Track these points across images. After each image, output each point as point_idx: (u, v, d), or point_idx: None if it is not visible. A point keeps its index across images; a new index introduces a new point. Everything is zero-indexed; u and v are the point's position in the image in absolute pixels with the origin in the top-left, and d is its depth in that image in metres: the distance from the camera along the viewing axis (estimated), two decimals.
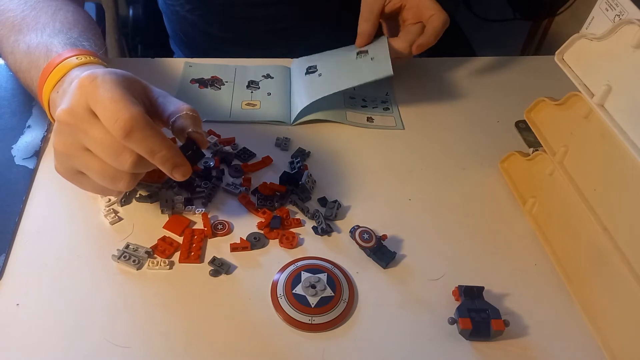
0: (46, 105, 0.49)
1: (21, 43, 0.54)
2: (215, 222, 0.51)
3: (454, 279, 0.48)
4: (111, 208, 0.51)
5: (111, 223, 0.50)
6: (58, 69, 0.47)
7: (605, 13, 0.43)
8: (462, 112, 0.68)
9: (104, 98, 0.39)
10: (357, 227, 0.50)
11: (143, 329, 0.43)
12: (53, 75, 0.47)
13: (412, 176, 0.59)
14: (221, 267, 0.47)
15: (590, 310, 0.46)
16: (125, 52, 1.13)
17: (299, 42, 0.87)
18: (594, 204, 0.46)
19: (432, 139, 0.64)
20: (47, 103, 0.48)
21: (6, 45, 0.56)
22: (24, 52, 0.53)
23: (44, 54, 0.50)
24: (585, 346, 0.45)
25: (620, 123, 0.42)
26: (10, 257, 0.47)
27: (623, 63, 0.41)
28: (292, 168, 0.58)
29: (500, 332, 0.43)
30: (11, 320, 0.43)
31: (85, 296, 0.45)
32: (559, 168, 0.50)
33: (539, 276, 0.50)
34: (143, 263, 0.47)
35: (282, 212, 0.52)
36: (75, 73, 0.46)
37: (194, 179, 0.54)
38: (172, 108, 0.45)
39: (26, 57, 0.53)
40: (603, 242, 0.44)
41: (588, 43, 0.45)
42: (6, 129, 0.58)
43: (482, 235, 0.53)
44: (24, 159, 0.55)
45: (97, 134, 0.40)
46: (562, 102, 0.49)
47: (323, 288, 0.46)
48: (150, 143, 0.40)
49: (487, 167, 0.60)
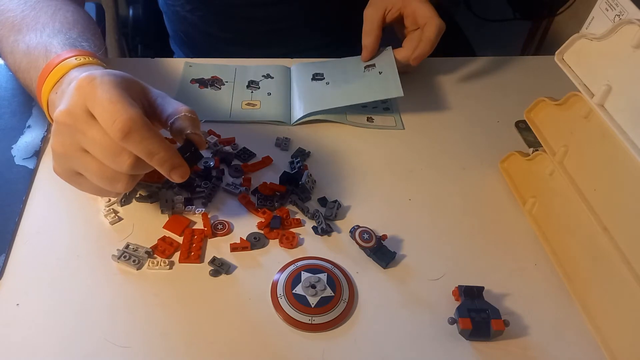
0: (45, 106, 0.49)
1: (20, 43, 0.54)
2: (215, 222, 0.51)
3: (454, 279, 0.48)
4: (111, 208, 0.51)
5: (111, 223, 0.50)
6: (57, 70, 0.47)
7: (605, 13, 0.43)
8: (462, 112, 0.68)
9: (102, 99, 0.39)
10: (357, 227, 0.50)
11: (143, 329, 0.43)
12: (52, 76, 0.47)
13: (412, 176, 0.59)
14: (221, 267, 0.47)
15: (590, 310, 0.46)
16: (125, 52, 1.13)
17: (299, 42, 0.87)
18: (594, 204, 0.46)
19: (432, 139, 0.64)
20: (45, 104, 0.48)
21: (6, 45, 0.56)
22: (24, 52, 0.53)
23: (43, 54, 0.50)
24: (585, 346, 0.45)
25: (620, 123, 0.42)
26: (10, 257, 0.47)
27: (623, 63, 0.41)
28: (292, 168, 0.58)
29: (500, 332, 0.43)
30: (11, 320, 0.43)
31: (85, 296, 0.45)
32: (559, 168, 0.50)
33: (539, 276, 0.50)
34: (143, 263, 0.47)
35: (282, 212, 0.52)
36: (74, 74, 0.46)
37: (193, 179, 0.54)
38: (171, 109, 0.45)
39: (25, 57, 0.53)
40: (603, 242, 0.44)
41: (588, 43, 0.45)
42: (6, 129, 0.58)
43: (482, 235, 0.53)
44: (24, 159, 0.55)
45: (95, 135, 0.40)
46: (562, 102, 0.49)
47: (323, 288, 0.46)
48: (149, 144, 0.40)
49: (487, 167, 0.60)
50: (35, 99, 0.54)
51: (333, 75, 0.69)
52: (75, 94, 0.40)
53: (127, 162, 0.40)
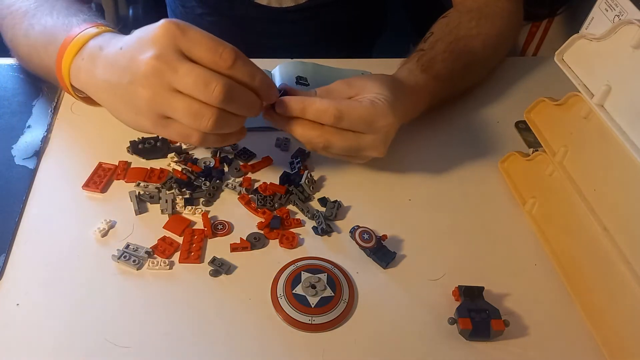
0: (66, 73, 0.49)
1: (36, 25, 0.54)
2: (215, 222, 0.51)
3: (454, 279, 0.48)
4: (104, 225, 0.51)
5: (102, 236, 0.49)
6: (79, 38, 0.49)
7: (605, 13, 0.43)
8: (462, 112, 0.68)
9: (199, 37, 0.43)
10: (357, 227, 0.50)
11: (143, 329, 0.43)
12: (74, 43, 0.48)
13: (412, 176, 0.59)
14: (221, 267, 0.47)
15: (590, 310, 0.46)
16: None
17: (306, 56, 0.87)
18: (594, 204, 0.46)
19: (432, 139, 0.63)
20: (67, 70, 0.49)
21: (19, 30, 0.56)
22: (40, 32, 0.54)
23: (63, 30, 0.51)
24: (585, 346, 0.45)
25: (620, 123, 0.42)
26: (10, 257, 0.47)
27: (623, 63, 0.41)
28: (292, 168, 0.58)
29: (500, 332, 0.43)
30: (11, 320, 0.43)
31: (85, 296, 0.45)
32: (559, 168, 0.50)
33: (539, 276, 0.50)
34: (143, 263, 0.47)
35: (282, 212, 0.52)
36: (97, 40, 0.48)
37: (194, 179, 0.54)
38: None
39: (42, 35, 0.54)
40: (603, 242, 0.44)
41: (588, 43, 0.45)
42: (6, 129, 0.58)
43: (482, 235, 0.53)
44: (24, 159, 0.55)
45: (187, 69, 0.42)
46: (562, 102, 0.49)
47: (323, 288, 0.46)
48: (251, 67, 0.44)
49: (487, 167, 0.60)
50: (47, 76, 0.56)
51: (318, 82, 0.66)
52: (163, 39, 0.42)
53: (217, 89, 0.42)
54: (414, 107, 0.57)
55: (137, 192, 0.52)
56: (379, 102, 0.49)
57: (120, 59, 0.45)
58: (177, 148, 0.57)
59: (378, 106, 0.49)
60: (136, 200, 0.52)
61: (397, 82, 0.55)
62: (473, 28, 0.64)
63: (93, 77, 0.47)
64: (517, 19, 0.70)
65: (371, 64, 0.72)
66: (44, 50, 0.53)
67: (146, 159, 0.56)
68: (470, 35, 0.64)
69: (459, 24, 0.64)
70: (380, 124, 0.50)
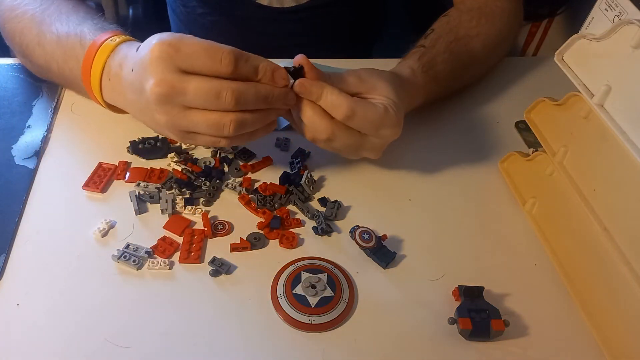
0: (97, 92, 0.51)
1: (47, 34, 0.55)
2: (215, 222, 0.51)
3: (454, 279, 0.48)
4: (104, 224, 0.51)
5: (102, 236, 0.49)
6: (99, 55, 0.49)
7: (605, 13, 0.43)
8: (462, 112, 0.68)
9: (193, 50, 0.42)
10: (357, 227, 0.50)
11: (143, 329, 0.43)
12: (96, 62, 0.49)
13: (412, 176, 0.59)
14: (221, 267, 0.47)
15: (590, 310, 0.46)
16: None
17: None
18: (594, 204, 0.46)
19: (432, 139, 0.63)
20: (98, 90, 0.51)
21: (30, 37, 0.56)
22: (55, 42, 0.54)
23: (78, 42, 0.52)
24: (585, 346, 0.45)
25: (620, 123, 0.42)
26: (10, 257, 0.47)
27: (623, 63, 0.41)
28: (292, 168, 0.58)
29: (500, 332, 0.43)
30: (11, 320, 0.43)
31: (85, 296, 0.45)
32: (559, 168, 0.50)
33: (539, 276, 0.50)
34: (143, 263, 0.47)
35: (282, 212, 0.52)
36: (118, 56, 0.49)
37: (194, 179, 0.54)
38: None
39: (59, 47, 0.54)
40: (603, 242, 0.44)
41: (588, 43, 0.45)
42: (6, 129, 0.58)
43: (482, 235, 0.53)
44: (24, 159, 0.55)
45: (194, 86, 0.42)
46: (562, 103, 0.49)
47: (323, 288, 0.46)
48: (254, 60, 0.44)
49: (487, 167, 0.60)
50: (70, 87, 0.58)
51: None
52: (157, 63, 0.42)
53: (229, 96, 0.42)
54: (410, 105, 0.57)
55: (137, 192, 0.52)
56: (391, 109, 0.49)
57: (135, 82, 0.45)
58: (177, 148, 0.57)
59: (389, 114, 0.49)
60: (136, 200, 0.52)
61: (401, 82, 0.55)
62: (473, 28, 0.64)
63: (122, 95, 0.49)
64: (517, 19, 0.70)
65: (371, 64, 0.72)
66: (65, 65, 0.54)
67: (146, 159, 0.56)
68: (470, 35, 0.64)
69: (459, 23, 0.64)
70: (388, 132, 0.50)
